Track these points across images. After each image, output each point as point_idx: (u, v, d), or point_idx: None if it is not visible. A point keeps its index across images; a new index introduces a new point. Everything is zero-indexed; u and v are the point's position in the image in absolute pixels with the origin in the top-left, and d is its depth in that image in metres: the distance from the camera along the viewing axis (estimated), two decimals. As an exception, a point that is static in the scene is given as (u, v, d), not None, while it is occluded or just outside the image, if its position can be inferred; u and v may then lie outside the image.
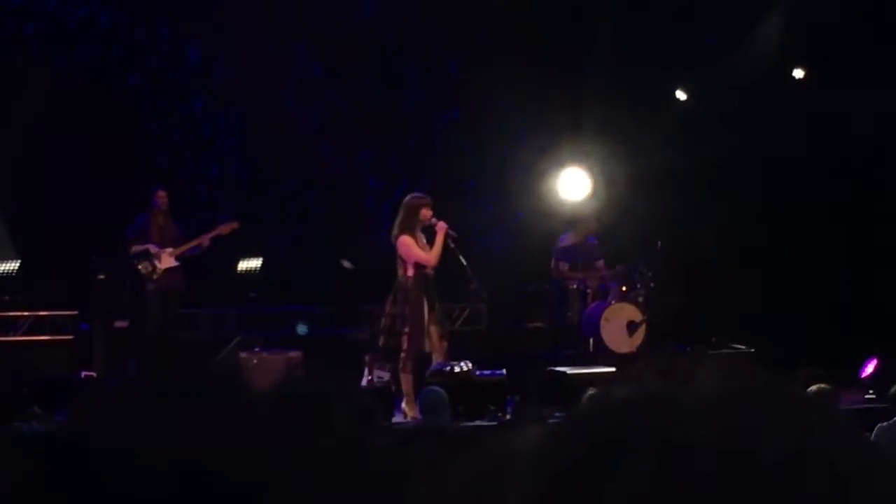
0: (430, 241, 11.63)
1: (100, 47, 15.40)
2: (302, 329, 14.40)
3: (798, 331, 13.46)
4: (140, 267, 13.35)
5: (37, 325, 14.61)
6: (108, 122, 14.97)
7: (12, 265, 14.71)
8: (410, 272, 11.44)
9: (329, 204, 15.70)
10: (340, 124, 15.76)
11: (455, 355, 11.76)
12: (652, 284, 13.74)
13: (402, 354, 11.43)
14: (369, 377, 12.32)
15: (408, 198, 11.70)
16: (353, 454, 1.31)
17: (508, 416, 11.00)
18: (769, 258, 14.87)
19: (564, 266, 14.05)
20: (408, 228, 11.48)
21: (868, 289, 14.48)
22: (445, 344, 11.67)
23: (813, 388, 8.04)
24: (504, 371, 11.92)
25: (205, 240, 13.49)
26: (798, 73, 15.34)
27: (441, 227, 11.56)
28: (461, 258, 11.74)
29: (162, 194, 13.50)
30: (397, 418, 11.10)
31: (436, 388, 10.11)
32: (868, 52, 14.35)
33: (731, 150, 14.73)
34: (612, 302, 13.54)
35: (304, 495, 1.25)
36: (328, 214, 15.49)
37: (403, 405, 11.43)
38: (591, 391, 6.83)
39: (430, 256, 11.48)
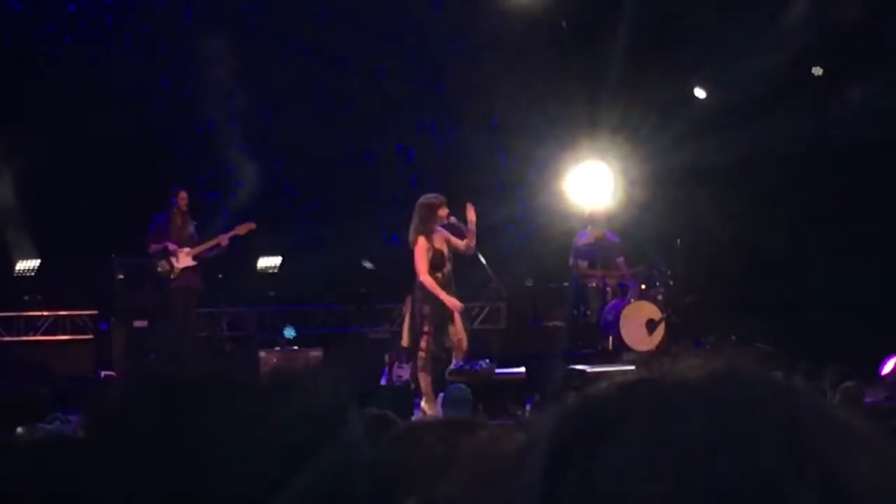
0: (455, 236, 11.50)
1: (122, 48, 15.44)
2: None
3: (819, 328, 13.40)
4: (158, 266, 13.35)
5: (57, 325, 14.67)
6: (129, 122, 15.00)
7: (32, 264, 14.77)
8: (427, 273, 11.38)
9: (349, 202, 15.70)
10: (362, 124, 15.76)
11: (474, 354, 11.74)
12: (671, 282, 13.70)
13: (422, 353, 11.40)
14: (389, 376, 12.33)
15: (422, 199, 11.55)
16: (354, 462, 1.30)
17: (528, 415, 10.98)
18: (790, 255, 14.82)
19: (583, 264, 14.00)
20: (424, 231, 11.36)
21: (890, 286, 14.40)
22: (463, 342, 11.64)
23: (841, 386, 8.21)
24: (523, 369, 11.89)
25: (223, 240, 13.44)
26: (817, 71, 15.28)
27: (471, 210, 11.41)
28: (480, 256, 11.70)
29: (183, 194, 13.44)
30: (417, 417, 11.09)
31: (461, 385, 10.07)
32: (887, 49, 14.29)
33: (749, 148, 14.68)
34: (632, 300, 13.50)
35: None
36: (348, 213, 15.48)
37: (423, 404, 11.41)
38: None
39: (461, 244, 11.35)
